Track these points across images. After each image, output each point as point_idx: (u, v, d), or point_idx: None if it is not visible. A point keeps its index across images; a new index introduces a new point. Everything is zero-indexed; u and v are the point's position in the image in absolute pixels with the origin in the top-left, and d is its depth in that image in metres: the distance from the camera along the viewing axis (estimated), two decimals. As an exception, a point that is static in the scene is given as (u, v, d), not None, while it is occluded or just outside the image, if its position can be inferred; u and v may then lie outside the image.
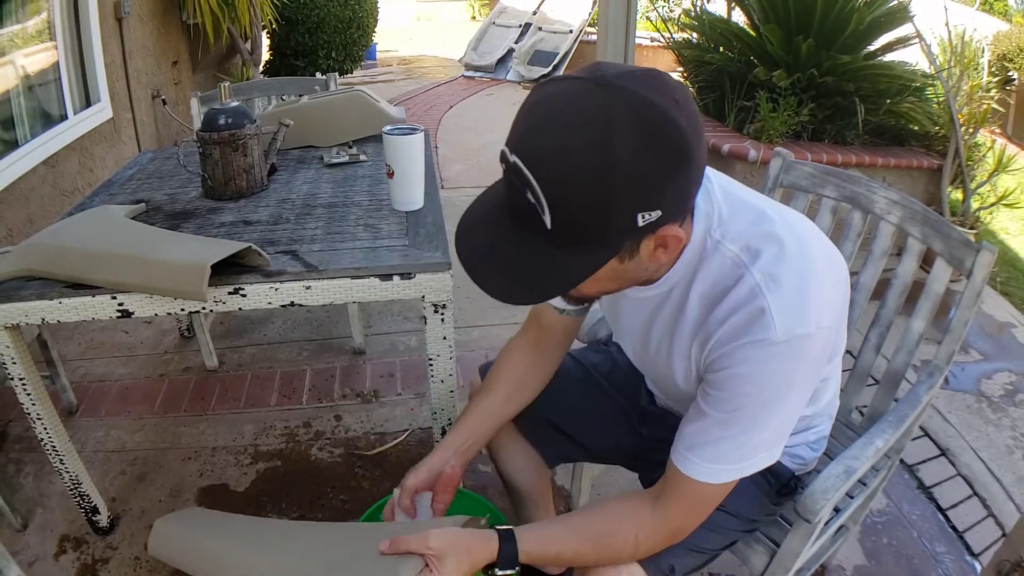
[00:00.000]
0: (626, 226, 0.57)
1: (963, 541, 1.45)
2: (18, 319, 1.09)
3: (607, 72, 0.56)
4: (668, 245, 0.62)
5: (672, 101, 0.56)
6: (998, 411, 1.87)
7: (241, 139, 1.36)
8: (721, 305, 0.68)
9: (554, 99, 0.57)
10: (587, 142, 0.54)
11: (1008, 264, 2.85)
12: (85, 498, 1.36)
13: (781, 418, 0.70)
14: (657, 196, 0.56)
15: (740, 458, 0.69)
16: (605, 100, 0.54)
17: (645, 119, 0.54)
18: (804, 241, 0.68)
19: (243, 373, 1.99)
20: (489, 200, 0.66)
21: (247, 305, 1.12)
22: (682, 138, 0.55)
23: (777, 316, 0.63)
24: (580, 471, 1.42)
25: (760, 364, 0.65)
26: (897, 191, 1.11)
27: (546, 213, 0.56)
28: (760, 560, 0.95)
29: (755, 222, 0.69)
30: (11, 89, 2.33)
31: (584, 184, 0.54)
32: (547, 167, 0.55)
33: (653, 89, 0.55)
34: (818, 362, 0.69)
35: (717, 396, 0.69)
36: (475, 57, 6.61)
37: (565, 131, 0.55)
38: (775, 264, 0.65)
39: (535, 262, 0.60)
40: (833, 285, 0.69)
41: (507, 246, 0.62)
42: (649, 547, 0.75)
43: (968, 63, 2.61)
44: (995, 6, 6.93)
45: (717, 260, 0.68)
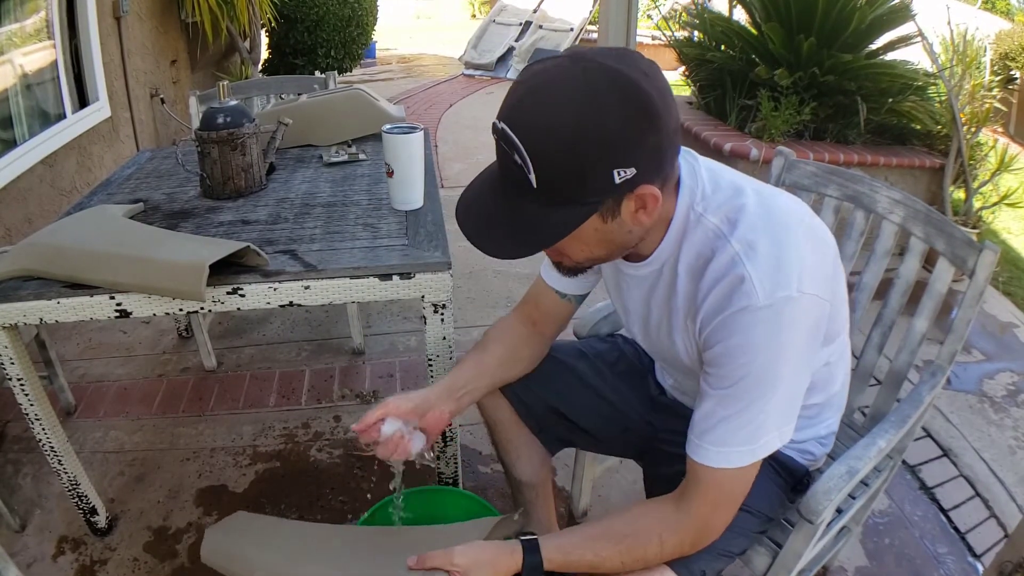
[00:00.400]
0: (604, 183, 0.63)
1: (965, 542, 1.44)
2: (16, 319, 1.08)
3: (582, 50, 0.65)
4: (647, 205, 0.66)
5: (640, 72, 0.62)
6: (1000, 411, 1.87)
7: (240, 138, 1.36)
8: (705, 276, 0.71)
9: (536, 73, 0.64)
10: (563, 105, 0.61)
11: (1010, 264, 2.84)
12: (83, 499, 1.35)
13: (783, 392, 0.70)
14: (630, 154, 0.62)
15: (749, 438, 0.70)
16: (579, 70, 0.62)
17: (615, 84, 0.61)
18: (781, 210, 0.72)
19: (242, 373, 1.98)
20: (484, 178, 0.72)
21: (246, 305, 1.11)
22: (649, 101, 0.62)
23: (757, 282, 0.66)
24: (581, 472, 1.41)
25: (748, 332, 0.67)
26: (899, 190, 1.11)
27: (531, 172, 0.63)
28: (762, 561, 0.94)
29: (734, 196, 0.72)
30: (9, 88, 2.32)
31: (562, 144, 0.61)
32: (530, 129, 0.62)
33: (622, 61, 0.63)
34: (810, 331, 0.70)
35: (715, 373, 0.71)
36: (475, 55, 6.60)
37: (545, 97, 0.62)
38: (752, 232, 0.69)
39: (526, 220, 0.67)
40: (813, 251, 0.71)
41: (501, 208, 0.68)
42: (675, 545, 0.74)
43: (970, 62, 2.60)
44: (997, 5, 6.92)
45: (700, 232, 0.72)
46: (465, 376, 0.94)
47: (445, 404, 0.89)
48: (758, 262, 0.67)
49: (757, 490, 0.75)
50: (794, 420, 0.73)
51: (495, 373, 0.98)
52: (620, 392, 1.06)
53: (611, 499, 1.52)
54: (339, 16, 5.02)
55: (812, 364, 0.75)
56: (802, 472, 0.95)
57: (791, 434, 0.73)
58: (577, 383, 1.05)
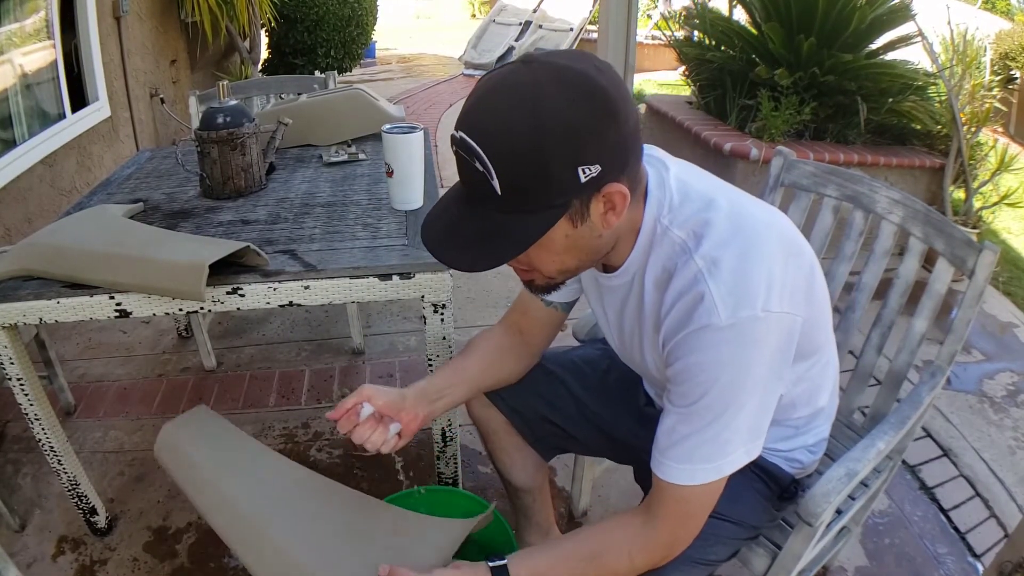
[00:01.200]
0: (569, 183, 0.61)
1: (965, 542, 1.44)
2: (16, 319, 1.08)
3: (532, 55, 0.63)
4: (616, 204, 0.64)
5: (593, 67, 0.62)
6: (1000, 411, 1.87)
7: (239, 138, 1.35)
8: (668, 291, 0.70)
9: (489, 80, 0.63)
10: (518, 106, 0.60)
11: (1010, 264, 2.84)
12: (83, 499, 1.35)
13: (750, 410, 0.68)
14: (592, 150, 0.60)
15: (713, 455, 0.68)
16: (530, 71, 0.61)
17: (567, 80, 0.60)
18: (752, 223, 0.70)
19: (242, 373, 1.98)
20: (448, 195, 0.71)
21: (245, 305, 1.11)
22: (604, 94, 0.60)
23: (719, 300, 0.64)
24: (580, 472, 1.41)
25: (709, 352, 0.66)
26: (899, 190, 1.11)
27: (494, 178, 0.61)
28: (761, 562, 0.94)
29: (703, 208, 0.70)
30: (8, 88, 2.32)
31: (522, 143, 0.59)
32: (488, 134, 0.61)
33: (573, 59, 0.62)
34: (777, 349, 0.68)
35: (676, 391, 0.70)
36: (475, 55, 6.60)
37: (499, 101, 0.61)
38: (717, 248, 0.67)
39: (492, 228, 0.64)
40: (784, 265, 0.68)
41: (465, 220, 0.66)
42: (645, 560, 0.73)
43: (970, 62, 2.60)
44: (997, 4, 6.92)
45: (666, 245, 0.71)
46: (441, 383, 0.92)
47: (419, 407, 0.88)
48: (720, 280, 0.65)
49: (740, 499, 0.75)
50: (763, 436, 0.71)
51: (474, 381, 0.96)
52: (608, 403, 1.05)
53: (611, 499, 1.52)
54: (339, 16, 5.02)
55: (783, 381, 0.73)
56: (788, 480, 0.94)
57: (759, 450, 0.71)
58: (566, 393, 1.05)
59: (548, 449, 1.11)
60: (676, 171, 0.74)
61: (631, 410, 1.06)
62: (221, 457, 0.95)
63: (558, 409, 1.05)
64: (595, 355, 1.10)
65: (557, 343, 1.08)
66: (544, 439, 1.08)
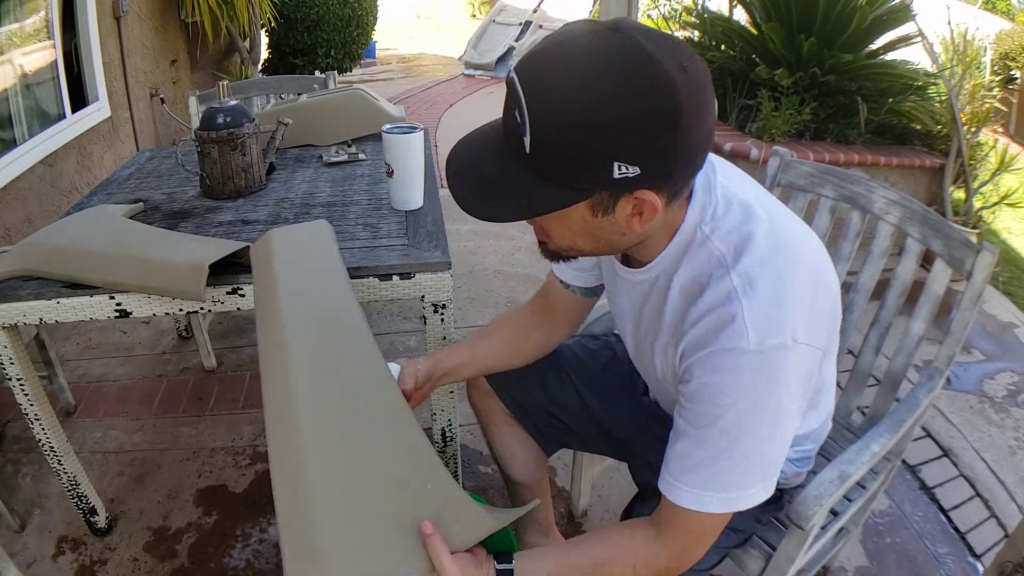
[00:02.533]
0: (600, 173, 0.57)
1: (965, 542, 1.44)
2: (16, 319, 1.08)
3: (624, 22, 0.57)
4: (644, 212, 0.61)
5: (678, 65, 0.55)
6: (1000, 411, 1.87)
7: (240, 138, 1.36)
8: (697, 303, 0.66)
9: (566, 31, 0.58)
10: (578, 74, 0.55)
11: (1010, 264, 2.84)
12: (83, 499, 1.36)
13: (765, 441, 0.65)
14: (636, 151, 0.56)
15: (730, 486, 0.66)
16: (609, 42, 0.55)
17: (640, 68, 0.54)
18: (791, 244, 0.66)
19: (242, 373, 1.98)
20: (488, 126, 0.67)
21: (246, 305, 1.11)
22: (673, 98, 0.55)
23: (750, 324, 0.61)
24: (580, 472, 1.41)
25: (732, 375, 0.63)
26: (896, 191, 1.11)
27: (527, 134, 0.57)
28: (756, 565, 0.94)
29: (744, 220, 0.67)
30: (8, 88, 2.32)
31: (567, 115, 0.55)
32: (538, 88, 0.57)
33: (661, 47, 0.56)
34: (798, 380, 0.65)
35: (692, 410, 0.67)
36: (475, 55, 6.60)
37: (564, 60, 0.56)
38: (755, 268, 0.64)
39: (507, 182, 0.61)
40: (814, 296, 0.66)
41: (488, 160, 0.63)
42: (651, 573, 0.72)
43: (970, 62, 2.60)
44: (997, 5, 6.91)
45: (703, 255, 0.67)
46: (453, 362, 0.95)
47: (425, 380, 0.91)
48: (755, 302, 0.62)
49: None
50: (777, 471, 0.68)
51: (486, 365, 0.99)
52: (608, 398, 1.05)
53: (611, 499, 1.52)
54: (339, 16, 5.02)
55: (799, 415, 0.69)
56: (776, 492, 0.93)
57: (773, 487, 0.68)
58: (568, 386, 1.05)
59: (549, 442, 1.11)
60: (723, 174, 0.70)
61: (630, 402, 1.06)
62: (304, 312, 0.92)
63: (559, 401, 1.05)
64: (596, 347, 1.10)
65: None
66: (545, 431, 1.08)
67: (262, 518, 1.48)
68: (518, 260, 2.65)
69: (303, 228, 1.14)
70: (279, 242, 1.06)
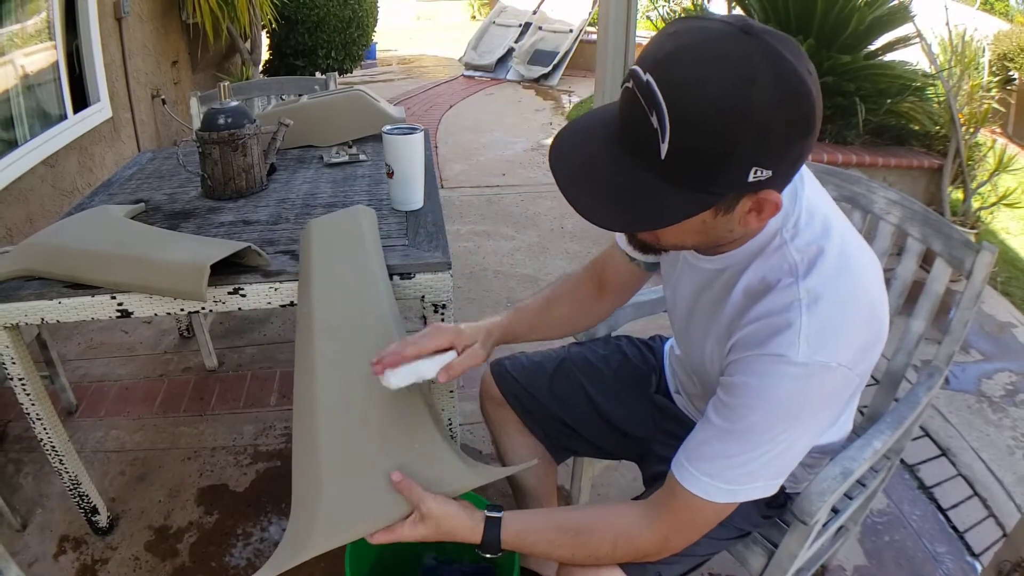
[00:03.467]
0: (738, 177, 0.57)
1: (963, 541, 1.45)
2: (17, 319, 1.09)
3: (754, 25, 0.56)
4: (764, 210, 0.61)
5: (807, 69, 0.56)
6: (999, 411, 1.87)
7: (241, 139, 1.36)
8: (758, 304, 0.67)
9: (697, 32, 0.56)
10: (727, 81, 0.54)
11: (1009, 264, 2.84)
12: (84, 498, 1.36)
13: (784, 450, 0.67)
14: (776, 156, 0.57)
15: (736, 480, 0.67)
16: (749, 47, 0.55)
17: (784, 77, 0.55)
18: (859, 271, 0.67)
19: (243, 373, 1.99)
20: (595, 119, 0.65)
21: (247, 305, 1.12)
22: (812, 106, 0.56)
23: (804, 337, 0.62)
24: (580, 471, 1.42)
25: (772, 381, 0.64)
26: (896, 191, 1.11)
27: (665, 141, 0.55)
28: (758, 561, 0.95)
29: (821, 235, 0.67)
30: (10, 89, 2.33)
31: (715, 121, 0.54)
32: (683, 95, 0.54)
33: (793, 53, 0.56)
34: (831, 401, 0.66)
35: (725, 402, 0.68)
36: (475, 56, 6.61)
37: (706, 65, 0.54)
38: (823, 285, 0.64)
39: (635, 189, 0.59)
40: (867, 327, 0.66)
41: (609, 164, 0.61)
42: (627, 552, 0.73)
43: (969, 63, 2.60)
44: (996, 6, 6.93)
45: (776, 258, 0.68)
46: (520, 329, 0.92)
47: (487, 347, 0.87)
48: (815, 317, 0.63)
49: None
50: (784, 477, 0.70)
51: (545, 333, 0.97)
52: (621, 400, 1.06)
53: (611, 497, 1.53)
54: (340, 17, 5.03)
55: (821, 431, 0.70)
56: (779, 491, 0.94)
57: (776, 489, 0.70)
58: (579, 392, 1.05)
59: (559, 449, 1.11)
60: (809, 186, 0.72)
61: (643, 403, 1.06)
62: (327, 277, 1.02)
63: (570, 408, 1.05)
64: (607, 352, 1.11)
65: (562, 341, 1.08)
66: (554, 438, 1.09)
67: (263, 517, 1.48)
68: (518, 260, 2.66)
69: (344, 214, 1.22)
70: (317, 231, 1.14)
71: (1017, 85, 4.55)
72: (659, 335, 1.15)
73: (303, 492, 0.77)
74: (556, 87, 5.98)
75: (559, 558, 0.76)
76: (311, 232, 1.15)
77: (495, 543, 0.74)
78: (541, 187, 3.48)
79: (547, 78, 6.07)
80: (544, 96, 5.73)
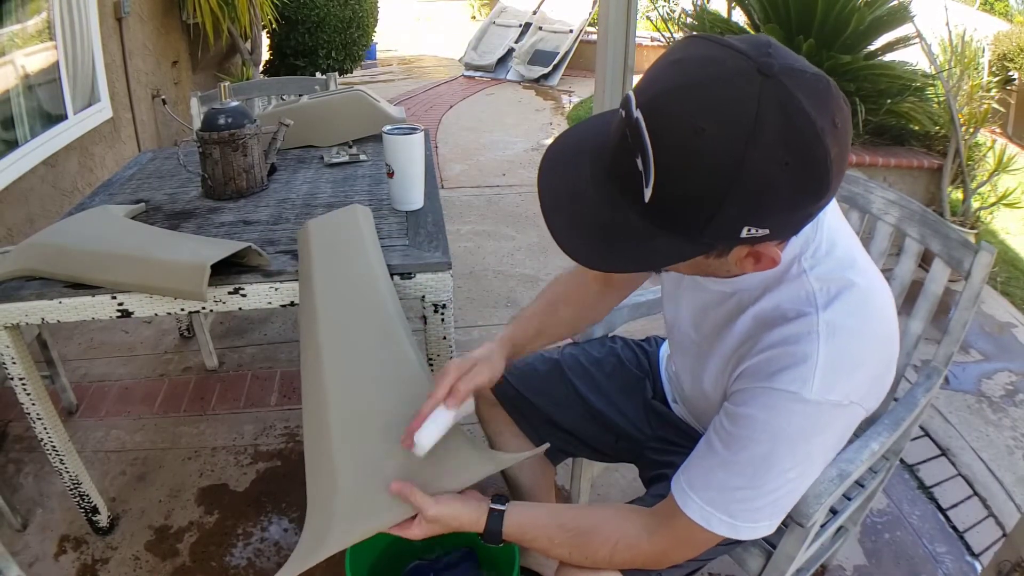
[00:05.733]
0: (727, 231, 0.53)
1: (963, 541, 1.45)
2: (18, 319, 1.09)
3: (776, 60, 0.50)
4: (760, 261, 0.58)
5: (831, 123, 0.50)
6: (998, 411, 1.87)
7: (241, 139, 1.36)
8: (772, 332, 0.64)
9: (706, 65, 0.50)
10: (726, 131, 0.48)
11: (1009, 264, 2.84)
12: (85, 498, 1.36)
13: (793, 489, 0.65)
14: (773, 217, 0.52)
15: (739, 515, 0.66)
16: (762, 93, 0.48)
17: (796, 134, 0.49)
18: (880, 308, 0.65)
19: (243, 373, 1.99)
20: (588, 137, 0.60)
21: (247, 305, 1.12)
22: (826, 171, 0.50)
23: (819, 373, 0.60)
24: (579, 471, 1.42)
25: (781, 416, 0.62)
26: (895, 191, 1.11)
27: (649, 186, 0.51)
28: (756, 563, 0.95)
29: (846, 267, 0.64)
30: (11, 89, 2.33)
31: (704, 174, 0.49)
32: (672, 139, 0.50)
33: (817, 103, 0.49)
34: (838, 437, 0.65)
35: (728, 431, 0.66)
36: (475, 57, 6.61)
37: (706, 108, 0.49)
38: (844, 318, 0.62)
39: (618, 230, 0.55)
40: (877, 365, 0.65)
41: (592, 199, 0.57)
42: (627, 559, 0.73)
43: (968, 63, 2.60)
44: (995, 6, 6.93)
45: (794, 287, 0.65)
46: (524, 340, 0.90)
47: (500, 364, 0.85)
48: (832, 352, 0.60)
49: None
50: (785, 514, 0.68)
51: (553, 335, 0.95)
52: (615, 403, 1.06)
53: (611, 498, 1.53)
54: (340, 18, 5.03)
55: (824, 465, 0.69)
56: None
57: (775, 528, 0.68)
58: (573, 395, 1.05)
59: (553, 451, 1.10)
60: (831, 214, 0.68)
61: (637, 405, 1.06)
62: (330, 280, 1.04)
63: (563, 410, 1.05)
64: (601, 355, 1.10)
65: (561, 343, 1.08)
66: (548, 439, 1.08)
67: (263, 517, 1.48)
68: (518, 260, 2.66)
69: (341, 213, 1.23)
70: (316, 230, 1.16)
71: (1017, 85, 4.55)
72: (655, 336, 1.15)
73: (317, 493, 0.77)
74: (556, 87, 5.98)
75: (557, 556, 0.76)
76: (309, 231, 1.16)
77: (497, 534, 0.74)
78: (541, 187, 3.47)
79: (547, 78, 6.07)
80: (544, 96, 5.73)
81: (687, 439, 0.96)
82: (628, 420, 1.05)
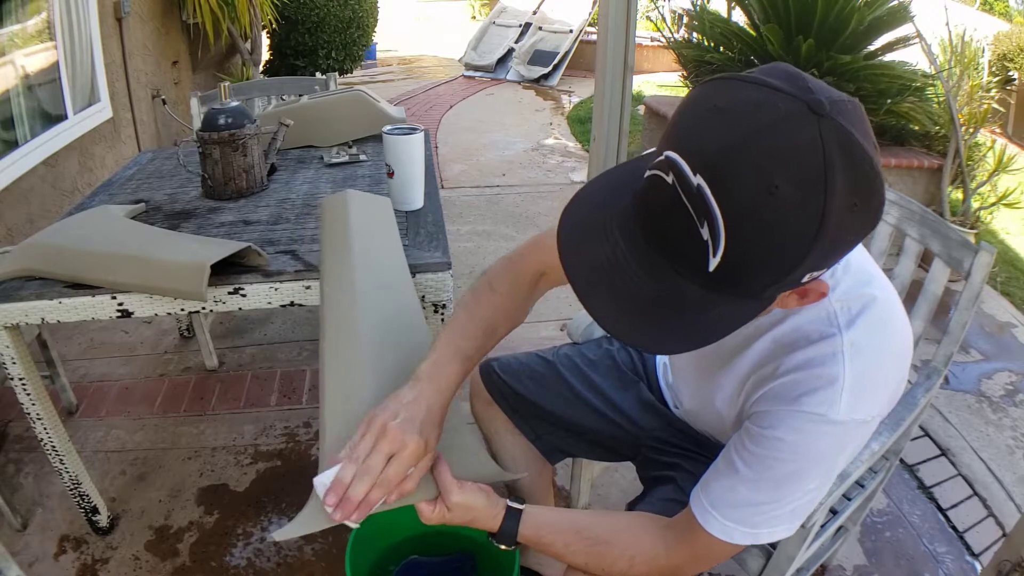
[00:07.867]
0: (792, 283, 0.50)
1: (963, 541, 1.45)
2: (18, 319, 1.09)
3: (819, 95, 0.46)
4: (808, 297, 0.55)
5: (874, 149, 0.48)
6: (998, 411, 1.87)
7: (241, 139, 1.36)
8: (795, 354, 0.64)
9: (756, 113, 0.46)
10: (803, 187, 0.44)
11: (1008, 264, 2.85)
12: (85, 498, 1.36)
13: (813, 497, 0.67)
14: (837, 259, 0.51)
15: (761, 524, 0.67)
16: (821, 135, 0.45)
17: (859, 173, 0.46)
18: (898, 324, 0.65)
19: (243, 373, 1.99)
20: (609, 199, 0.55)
21: (247, 305, 1.12)
22: (881, 201, 0.48)
23: (846, 394, 0.60)
24: (580, 471, 1.42)
25: (809, 438, 0.62)
26: (894, 191, 1.11)
27: (718, 256, 0.46)
28: (756, 563, 0.95)
29: (864, 283, 0.64)
30: (11, 89, 2.33)
31: (786, 235, 0.45)
32: (744, 203, 0.45)
33: (863, 132, 0.47)
34: (857, 448, 0.67)
35: (753, 452, 0.65)
36: (475, 57, 6.61)
37: (774, 163, 0.44)
38: (867, 336, 0.61)
39: (670, 302, 0.50)
40: (896, 381, 0.65)
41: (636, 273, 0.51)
42: (644, 571, 0.73)
43: (968, 63, 2.60)
44: (995, 6, 6.93)
45: (814, 309, 0.63)
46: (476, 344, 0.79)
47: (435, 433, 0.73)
48: (857, 372, 0.60)
49: None
50: (804, 518, 0.69)
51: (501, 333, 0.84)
52: (611, 400, 1.05)
53: (611, 498, 1.53)
54: (340, 18, 5.03)
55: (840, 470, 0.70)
56: None
57: (796, 529, 0.69)
58: (569, 394, 1.05)
59: (550, 450, 1.11)
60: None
61: (633, 402, 1.06)
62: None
63: (559, 408, 1.05)
64: (596, 357, 1.10)
65: (552, 342, 1.08)
66: (545, 438, 1.09)
67: (263, 517, 1.48)
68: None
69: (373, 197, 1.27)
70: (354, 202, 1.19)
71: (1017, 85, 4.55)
72: None
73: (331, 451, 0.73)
74: (556, 87, 5.98)
75: (572, 562, 0.75)
76: (348, 199, 1.19)
77: (512, 535, 0.73)
78: (541, 187, 3.48)
79: (547, 78, 6.08)
80: (544, 96, 5.73)
81: (687, 439, 0.96)
82: (624, 415, 1.05)
